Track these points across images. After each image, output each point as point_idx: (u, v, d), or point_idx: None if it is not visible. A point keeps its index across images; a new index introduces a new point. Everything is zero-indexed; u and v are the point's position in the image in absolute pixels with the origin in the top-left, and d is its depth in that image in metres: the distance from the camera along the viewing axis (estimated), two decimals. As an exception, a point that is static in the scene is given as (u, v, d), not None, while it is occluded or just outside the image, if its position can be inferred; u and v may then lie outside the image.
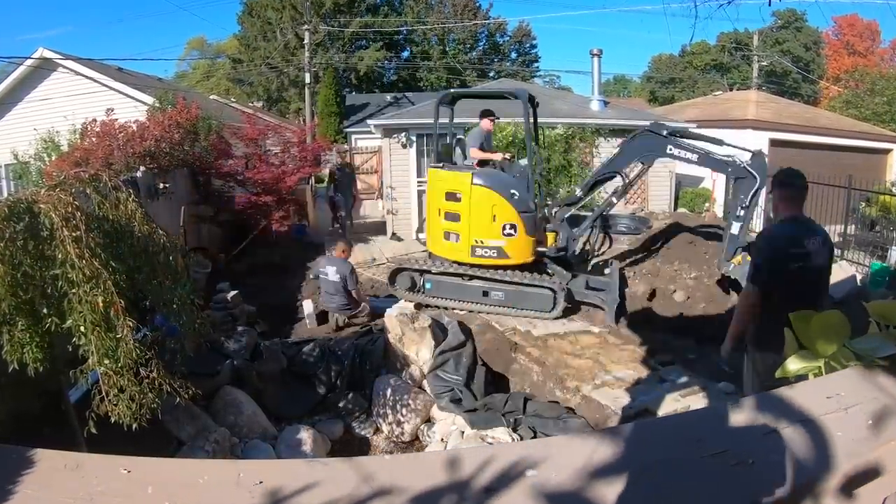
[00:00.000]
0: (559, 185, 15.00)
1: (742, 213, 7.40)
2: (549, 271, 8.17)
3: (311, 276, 9.39)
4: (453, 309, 7.89)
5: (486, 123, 8.27)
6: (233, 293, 8.15)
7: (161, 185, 8.75)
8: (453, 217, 7.75)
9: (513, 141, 14.53)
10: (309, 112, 24.36)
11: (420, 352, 6.82)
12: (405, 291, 8.19)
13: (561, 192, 15.04)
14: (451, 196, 7.72)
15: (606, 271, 8.71)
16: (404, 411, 6.28)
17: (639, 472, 1.10)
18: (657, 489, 1.07)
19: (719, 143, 8.52)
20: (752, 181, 7.31)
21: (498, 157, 8.14)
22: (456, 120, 9.09)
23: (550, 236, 8.04)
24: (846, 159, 16.64)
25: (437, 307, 7.93)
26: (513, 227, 7.58)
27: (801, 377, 1.55)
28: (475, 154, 7.99)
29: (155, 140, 9.24)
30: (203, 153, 10.55)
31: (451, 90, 9.28)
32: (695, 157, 7.67)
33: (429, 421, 6.33)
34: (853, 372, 1.44)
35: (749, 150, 7.69)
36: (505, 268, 7.70)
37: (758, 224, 10.25)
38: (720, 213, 14.83)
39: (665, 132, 7.75)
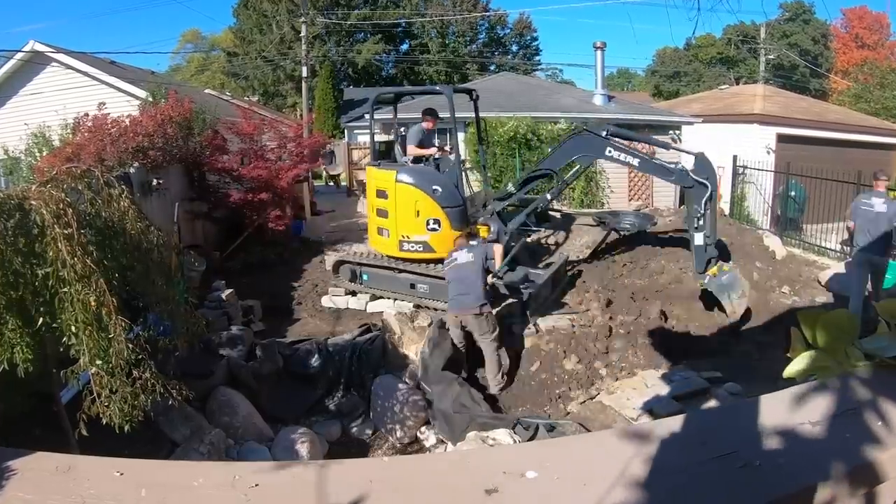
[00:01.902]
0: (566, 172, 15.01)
1: (701, 222, 7.43)
2: None
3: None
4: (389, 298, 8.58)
5: (426, 122, 8.60)
6: (228, 292, 8.15)
7: (154, 182, 8.73)
8: (383, 213, 8.22)
9: (514, 136, 14.55)
10: (306, 106, 24.35)
11: (419, 351, 6.82)
12: (347, 282, 8.89)
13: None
14: (381, 193, 8.17)
15: (542, 265, 8.78)
16: (403, 412, 6.28)
17: (643, 474, 1.10)
18: (661, 492, 1.07)
19: (665, 146, 8.61)
20: (702, 190, 7.34)
21: (431, 152, 8.46)
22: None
23: (484, 229, 8.08)
24: (855, 155, 16.61)
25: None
26: (437, 221, 7.95)
27: (808, 377, 1.55)
28: (411, 151, 8.36)
29: (148, 135, 9.22)
30: (197, 148, 10.54)
31: (383, 90, 9.56)
32: (635, 161, 7.70)
33: (428, 422, 6.33)
34: (862, 372, 1.43)
35: (692, 153, 7.74)
36: (433, 261, 8.04)
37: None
38: (727, 210, 14.84)
39: (605, 132, 7.68)
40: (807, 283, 9.24)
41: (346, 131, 25.50)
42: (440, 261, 7.99)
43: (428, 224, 7.95)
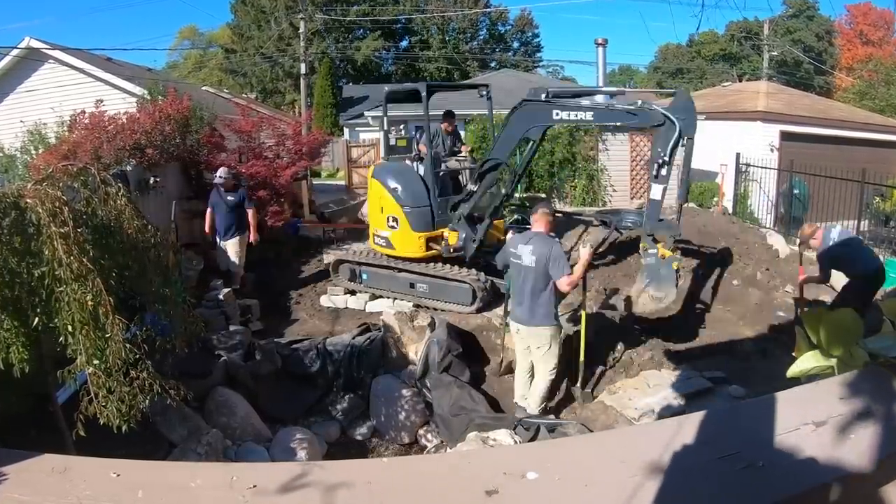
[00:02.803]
0: (563, 178, 15.02)
1: (663, 172, 6.02)
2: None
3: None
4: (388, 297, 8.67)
5: (443, 125, 9.10)
6: (226, 291, 8.14)
7: (152, 179, 8.73)
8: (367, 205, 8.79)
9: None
10: (304, 104, 24.32)
11: (419, 351, 6.82)
12: (346, 281, 8.99)
13: (566, 186, 15.08)
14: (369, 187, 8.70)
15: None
16: (403, 413, 6.28)
17: (646, 474, 1.10)
18: (665, 492, 1.07)
19: (620, 92, 7.82)
20: (670, 128, 5.96)
21: (421, 149, 8.77)
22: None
23: (453, 235, 8.03)
24: (860, 152, 16.60)
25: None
26: (395, 219, 8.12)
27: (812, 377, 1.55)
28: (420, 148, 8.75)
29: (145, 133, 9.22)
30: (195, 146, 10.54)
31: (388, 87, 9.66)
32: (589, 115, 6.68)
33: (428, 423, 6.33)
34: (866, 372, 1.43)
35: (672, 91, 7.05)
36: (429, 260, 8.16)
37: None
38: (730, 209, 14.84)
39: (544, 96, 6.85)
40: (811, 282, 9.24)
41: (345, 129, 25.48)
42: (437, 260, 8.12)
43: (388, 221, 8.20)
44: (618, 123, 7.26)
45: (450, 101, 11.00)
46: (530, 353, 5.86)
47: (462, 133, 15.24)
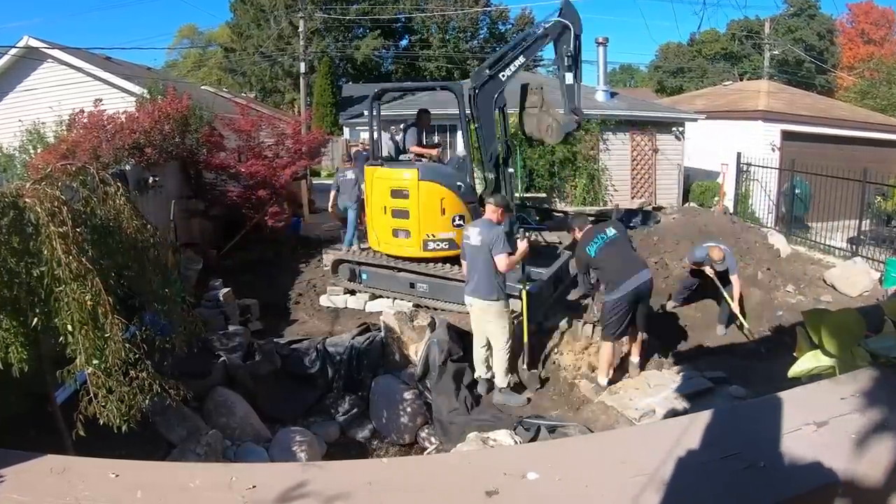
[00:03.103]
0: (564, 178, 15.03)
1: (570, 62, 8.09)
2: None
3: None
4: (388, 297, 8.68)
5: (422, 120, 9.05)
6: (225, 291, 8.14)
7: (151, 179, 8.73)
8: (402, 214, 8.10)
9: (515, 133, 14.52)
10: (304, 103, 24.31)
11: (419, 351, 6.82)
12: (346, 281, 8.96)
13: (567, 185, 15.08)
14: (399, 193, 8.08)
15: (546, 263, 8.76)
16: (403, 413, 6.28)
17: (647, 475, 1.10)
18: (666, 493, 1.07)
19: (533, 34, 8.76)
20: (566, 30, 8.02)
21: (434, 152, 8.86)
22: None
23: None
24: (861, 152, 16.60)
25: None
26: (461, 218, 8.01)
27: (814, 377, 1.55)
28: (414, 149, 8.65)
29: (145, 132, 9.21)
30: (195, 145, 10.54)
31: (384, 85, 9.73)
32: (520, 58, 8.01)
33: (428, 424, 6.33)
34: (868, 372, 1.43)
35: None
36: (429, 260, 8.19)
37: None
38: (731, 208, 14.85)
39: (487, 71, 7.88)
40: (812, 281, 9.24)
41: (345, 128, 25.46)
42: (434, 260, 8.17)
43: (453, 221, 8.03)
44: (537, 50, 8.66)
45: (448, 102, 10.98)
46: (484, 327, 6.31)
47: (459, 133, 15.30)
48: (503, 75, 7.82)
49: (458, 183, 8.06)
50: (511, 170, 8.57)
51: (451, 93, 8.09)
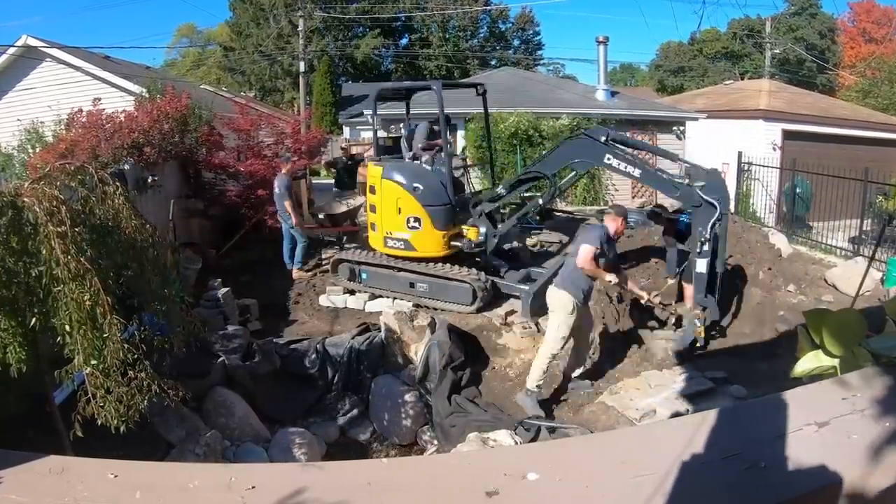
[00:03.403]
0: (562, 177, 15.01)
1: (705, 248, 6.60)
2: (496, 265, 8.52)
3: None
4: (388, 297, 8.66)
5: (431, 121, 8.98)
6: (224, 290, 8.14)
7: (150, 178, 8.73)
8: (373, 208, 8.49)
9: (515, 132, 14.54)
10: (303, 102, 24.31)
11: (419, 351, 6.82)
12: (346, 280, 8.94)
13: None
14: (372, 189, 8.44)
15: (547, 264, 8.77)
16: (403, 414, 6.28)
17: (647, 476, 1.10)
18: (666, 493, 1.07)
19: (673, 157, 8.10)
20: (710, 210, 6.57)
21: (439, 142, 8.68)
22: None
23: (472, 231, 8.16)
24: (863, 151, 16.61)
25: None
26: (417, 220, 8.02)
27: (815, 377, 1.55)
28: (424, 146, 8.64)
29: (144, 131, 9.22)
30: (194, 144, 10.54)
31: (385, 85, 9.79)
32: (637, 171, 7.13)
33: (428, 424, 6.33)
34: (869, 372, 1.43)
35: (704, 169, 7.10)
36: (428, 260, 8.16)
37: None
38: (732, 208, 14.83)
39: (604, 138, 7.22)
40: (813, 281, 9.23)
41: (344, 127, 25.47)
42: (438, 260, 8.15)
43: (408, 222, 8.07)
44: (658, 190, 7.89)
45: (448, 99, 11.02)
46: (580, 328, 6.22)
47: (461, 132, 15.30)
48: (608, 157, 7.10)
49: (416, 185, 8.02)
50: (537, 201, 8.49)
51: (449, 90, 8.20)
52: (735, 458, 1.13)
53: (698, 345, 6.92)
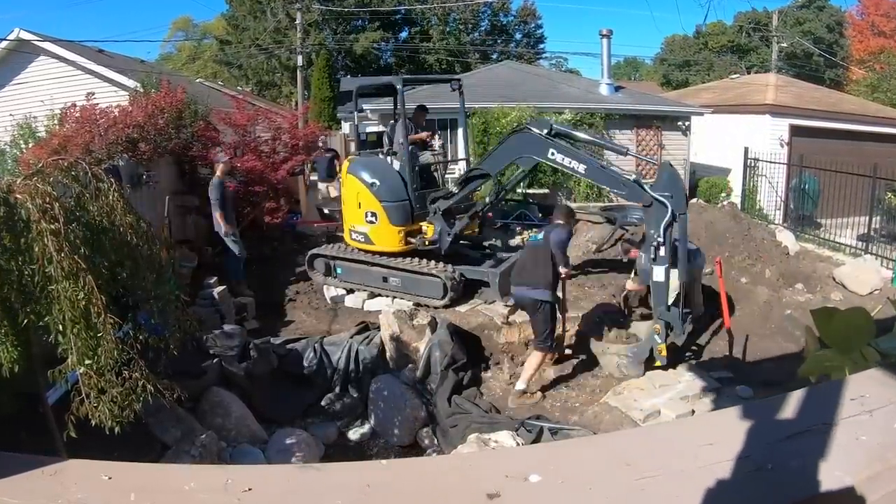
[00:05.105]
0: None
1: (661, 253, 6.04)
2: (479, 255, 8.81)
3: None
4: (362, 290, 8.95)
5: (416, 116, 9.35)
6: (220, 289, 8.15)
7: (144, 174, 8.73)
8: (341, 202, 9.11)
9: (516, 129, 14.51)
10: (301, 97, 24.28)
11: (419, 351, 6.82)
12: (322, 276, 9.17)
13: (570, 181, 15.06)
14: (342, 183, 8.93)
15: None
16: (403, 414, 6.28)
17: (651, 477, 1.10)
18: (670, 495, 1.07)
19: (623, 151, 7.72)
20: (660, 209, 6.04)
21: (423, 136, 9.19)
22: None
23: (430, 229, 8.28)
24: (871, 147, 16.59)
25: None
26: (374, 214, 8.31)
27: (822, 377, 1.55)
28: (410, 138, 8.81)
29: (138, 126, 9.21)
30: (189, 140, 10.53)
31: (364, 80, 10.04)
32: (581, 167, 6.73)
33: (428, 425, 6.33)
34: (878, 372, 1.43)
35: (653, 162, 6.94)
36: (397, 255, 8.37)
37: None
38: (739, 205, 14.83)
39: (546, 131, 6.87)
40: (821, 279, 9.24)
41: (343, 122, 25.45)
42: (406, 254, 8.37)
43: (366, 216, 8.37)
44: (604, 186, 7.93)
45: (443, 94, 11.04)
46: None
47: (460, 129, 15.29)
48: (552, 152, 6.78)
49: (374, 181, 8.30)
50: (484, 199, 8.76)
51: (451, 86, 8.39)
52: (742, 460, 1.13)
53: (658, 364, 6.36)
